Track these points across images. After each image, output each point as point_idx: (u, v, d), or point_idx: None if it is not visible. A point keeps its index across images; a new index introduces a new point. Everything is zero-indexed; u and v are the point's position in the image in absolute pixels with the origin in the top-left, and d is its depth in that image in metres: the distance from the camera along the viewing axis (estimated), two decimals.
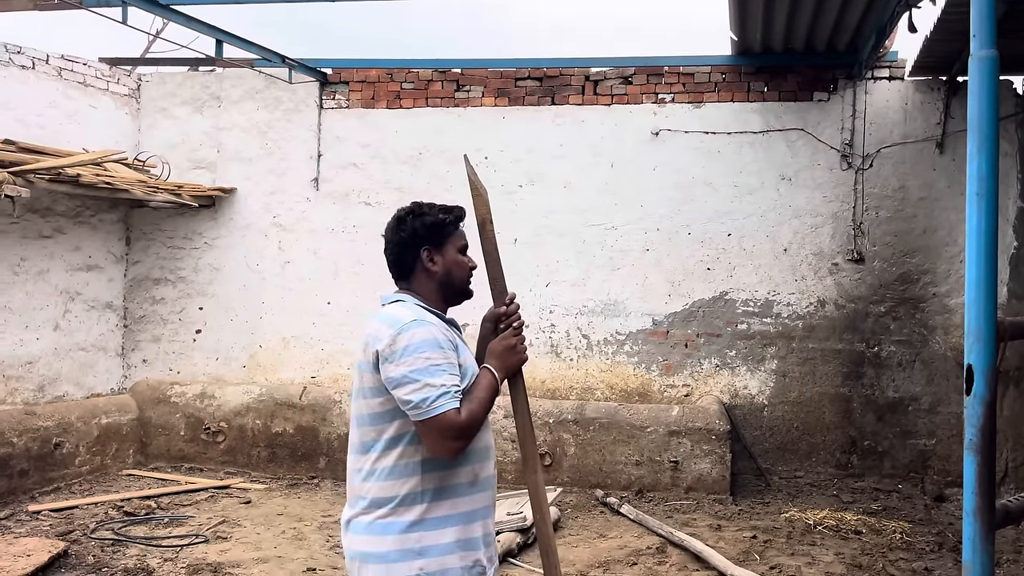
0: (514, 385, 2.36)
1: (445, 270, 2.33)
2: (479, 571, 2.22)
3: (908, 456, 6.83)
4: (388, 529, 2.14)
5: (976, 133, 2.88)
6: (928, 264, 6.83)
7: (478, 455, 2.25)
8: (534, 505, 2.35)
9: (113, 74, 7.79)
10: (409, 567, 2.12)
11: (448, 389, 2.10)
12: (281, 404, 7.05)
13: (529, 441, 2.36)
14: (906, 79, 6.89)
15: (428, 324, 2.18)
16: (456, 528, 2.18)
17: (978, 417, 2.83)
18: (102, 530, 5.42)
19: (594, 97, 7.32)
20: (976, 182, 2.87)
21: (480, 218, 2.39)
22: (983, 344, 2.81)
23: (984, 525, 2.82)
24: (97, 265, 7.65)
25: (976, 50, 2.91)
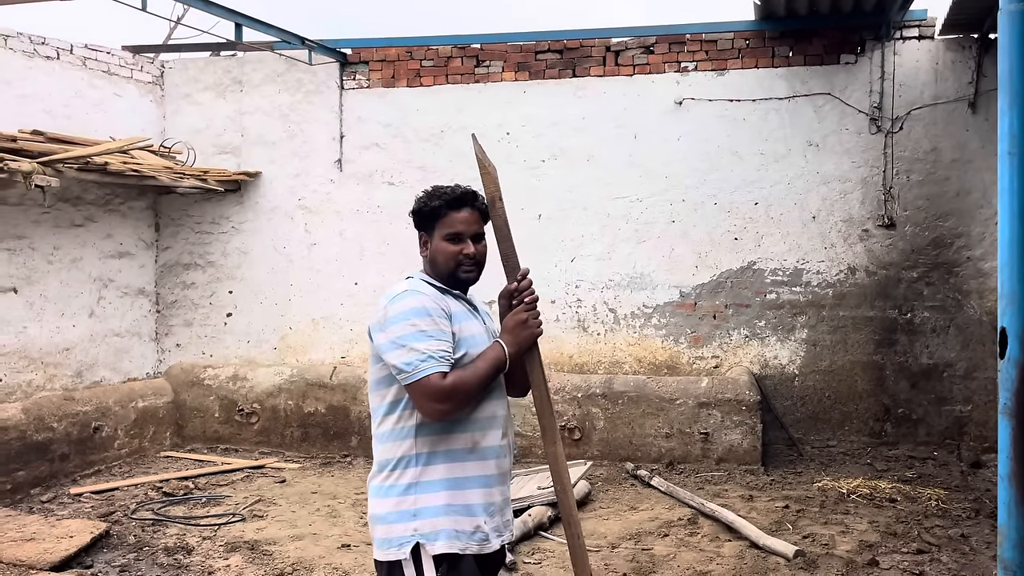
0: (530, 359, 2.37)
1: (432, 256, 2.40)
2: (480, 537, 2.27)
3: (943, 423, 6.74)
4: (389, 492, 2.27)
5: (1007, 89, 2.80)
6: (962, 227, 6.69)
7: (480, 423, 2.30)
8: (554, 476, 2.36)
9: (136, 62, 7.85)
10: (405, 528, 2.23)
11: (433, 354, 2.18)
12: (312, 384, 7.14)
13: (547, 413, 2.38)
14: (936, 38, 6.71)
15: (419, 294, 2.28)
16: (449, 492, 2.25)
17: (1012, 380, 2.77)
18: (142, 511, 5.54)
19: (615, 68, 7.23)
20: (1008, 140, 2.79)
21: (489, 196, 2.40)
22: (1017, 306, 2.74)
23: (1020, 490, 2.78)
24: (128, 252, 7.76)
25: (1006, 4, 2.82)
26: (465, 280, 2.41)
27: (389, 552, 2.25)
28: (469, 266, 2.39)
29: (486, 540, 2.29)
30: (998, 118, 2.82)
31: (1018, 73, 2.81)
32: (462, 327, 2.31)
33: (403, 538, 2.23)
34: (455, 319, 2.30)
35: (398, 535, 2.24)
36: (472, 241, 2.38)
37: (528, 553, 4.74)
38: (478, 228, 2.42)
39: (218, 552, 4.83)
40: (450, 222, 2.37)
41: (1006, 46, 2.84)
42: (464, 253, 2.36)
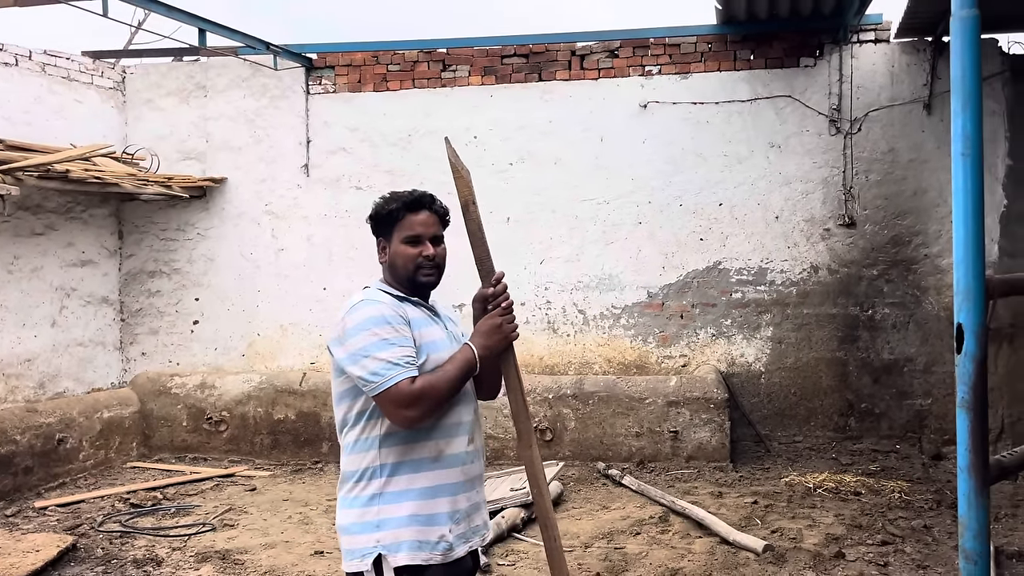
0: (505, 363, 2.37)
1: (391, 261, 2.36)
2: (444, 547, 2.23)
3: (905, 416, 6.91)
4: (354, 503, 2.24)
5: (960, 92, 2.89)
6: (919, 226, 6.86)
7: (444, 431, 2.27)
8: (530, 479, 2.37)
9: (97, 68, 7.74)
10: (368, 539, 2.20)
11: (398, 361, 2.16)
12: (282, 391, 7.09)
13: (523, 417, 2.37)
14: (892, 41, 6.88)
15: (375, 303, 2.24)
16: (414, 503, 2.21)
17: (969, 375, 2.86)
18: (109, 523, 5.46)
19: (581, 72, 7.30)
20: (961, 141, 2.89)
21: (463, 200, 2.38)
22: (972, 302, 2.83)
23: (978, 481, 2.86)
24: (91, 260, 7.65)
25: (957, 9, 2.91)
26: (425, 283, 2.36)
27: (352, 563, 2.23)
28: (429, 269, 2.35)
29: (450, 549, 2.25)
30: (952, 120, 2.92)
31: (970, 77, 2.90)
32: (422, 333, 2.28)
33: (365, 549, 2.20)
34: (414, 325, 2.27)
35: (361, 546, 2.21)
36: (431, 243, 2.34)
37: (502, 555, 4.76)
38: (437, 231, 2.38)
39: (188, 563, 4.78)
40: (408, 225, 2.33)
41: (958, 51, 2.93)
42: (423, 255, 2.32)
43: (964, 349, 2.87)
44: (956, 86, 2.90)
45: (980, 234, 2.86)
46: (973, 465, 2.86)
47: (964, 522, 2.87)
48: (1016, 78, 6.61)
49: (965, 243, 2.84)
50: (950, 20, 2.92)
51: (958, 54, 2.90)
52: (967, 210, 2.86)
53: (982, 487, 2.86)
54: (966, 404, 2.88)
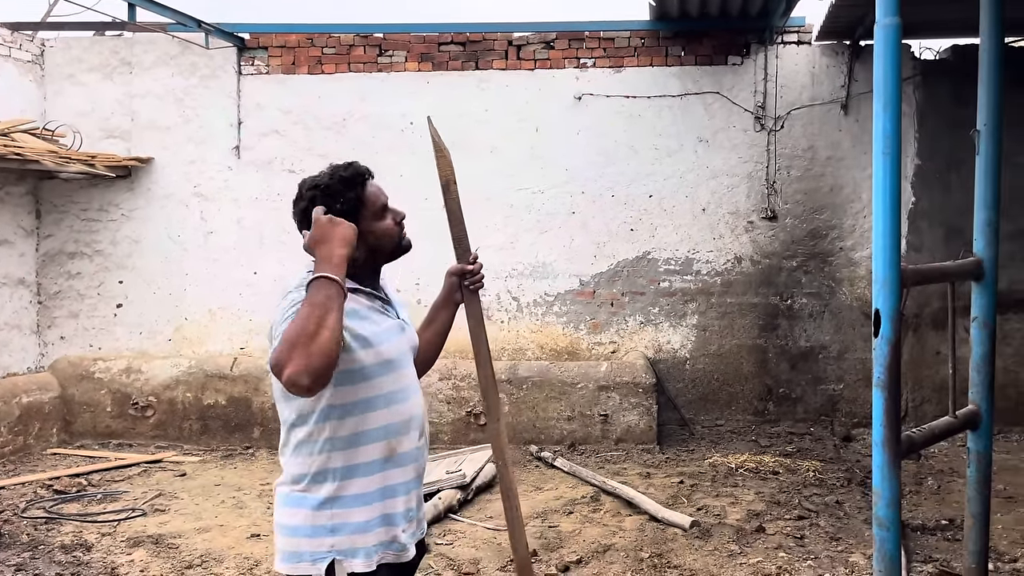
0: (476, 338, 2.45)
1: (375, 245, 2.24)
2: (398, 548, 2.17)
3: (819, 401, 7.29)
4: (302, 503, 2.11)
5: (881, 95, 3.11)
6: (835, 220, 7.24)
7: (396, 429, 2.17)
8: (496, 450, 2.46)
9: (15, 39, 7.40)
10: (320, 543, 2.09)
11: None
12: (212, 376, 6.98)
13: (492, 393, 2.45)
14: (813, 44, 7.22)
15: (296, 298, 2.06)
16: (371, 507, 2.13)
17: (885, 357, 3.09)
18: (33, 509, 5.31)
19: (517, 62, 7.40)
20: (882, 141, 3.11)
21: (444, 179, 2.43)
22: (889, 290, 3.06)
23: (892, 454, 3.11)
24: (6, 240, 7.33)
25: (881, 17, 3.13)
26: (408, 245, 2.28)
27: (300, 566, 2.10)
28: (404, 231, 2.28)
29: (403, 550, 2.19)
30: (873, 120, 3.13)
31: (891, 80, 3.12)
32: (364, 324, 2.14)
33: (317, 554, 2.09)
34: (356, 316, 2.11)
35: (310, 550, 2.09)
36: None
37: (440, 535, 4.86)
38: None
39: (120, 548, 4.70)
40: (373, 199, 2.20)
41: (881, 55, 3.15)
42: (399, 221, 2.25)
43: (881, 333, 3.10)
44: (878, 88, 3.12)
45: (897, 228, 3.09)
46: (887, 439, 3.10)
47: (878, 491, 3.11)
48: (926, 82, 7.03)
49: (883, 235, 3.07)
50: (874, 28, 3.14)
51: (881, 58, 3.12)
52: (886, 205, 3.08)
53: (894, 460, 3.10)
54: (881, 383, 3.11)
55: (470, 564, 4.42)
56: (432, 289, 6.45)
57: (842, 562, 4.36)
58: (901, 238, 7.07)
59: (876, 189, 3.13)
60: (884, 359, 3.09)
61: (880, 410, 3.11)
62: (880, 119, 3.11)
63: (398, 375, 2.21)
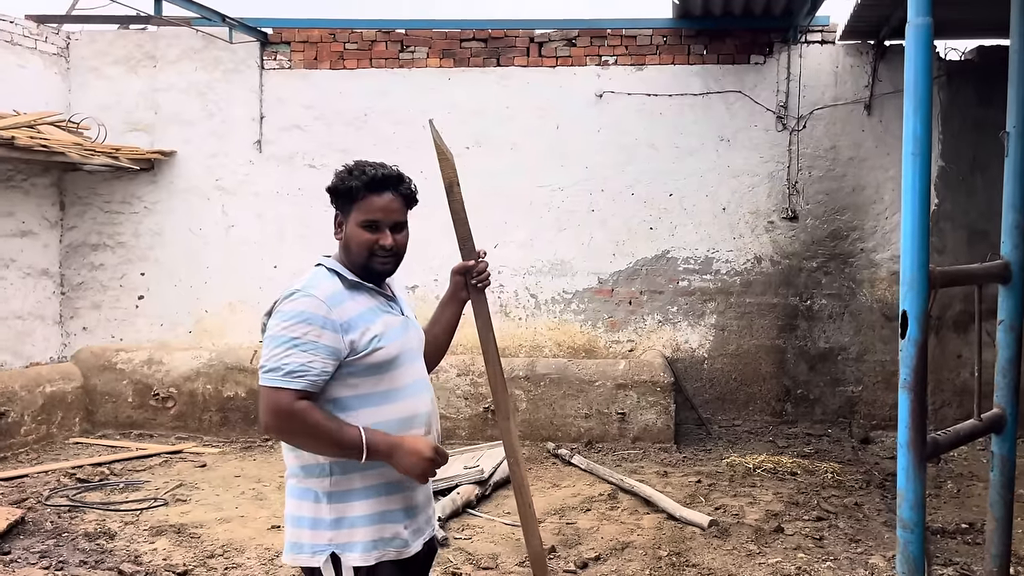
0: (484, 336, 2.48)
1: (346, 242, 2.23)
2: (399, 544, 2.18)
3: (837, 402, 7.26)
4: (304, 495, 2.16)
5: (912, 96, 3.09)
6: (856, 221, 7.20)
7: (398, 424, 2.18)
8: (507, 448, 2.49)
9: (41, 32, 7.49)
10: (320, 536, 2.13)
11: (291, 368, 2.04)
12: (232, 368, 7.04)
13: (500, 390, 2.48)
14: (837, 43, 7.18)
15: (311, 296, 2.10)
16: (368, 502, 2.14)
17: (912, 358, 3.08)
18: (56, 497, 5.37)
19: (539, 59, 7.40)
20: (912, 142, 3.10)
21: (447, 181, 2.46)
22: (916, 291, 3.05)
23: (917, 456, 3.10)
24: (31, 231, 7.43)
25: (913, 17, 3.10)
26: (379, 272, 2.23)
27: (300, 558, 2.16)
28: (384, 257, 2.21)
29: (405, 546, 2.20)
30: (903, 122, 3.11)
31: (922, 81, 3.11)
32: (369, 327, 2.15)
33: (316, 546, 2.13)
34: (353, 325, 2.13)
35: (310, 542, 2.14)
36: (391, 231, 2.20)
37: (458, 529, 4.88)
38: (399, 216, 2.22)
39: (143, 536, 4.76)
40: (368, 207, 2.18)
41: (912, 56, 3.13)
42: (380, 244, 2.18)
43: (908, 334, 3.09)
44: (909, 89, 3.10)
45: (926, 229, 3.09)
46: (912, 441, 3.09)
47: (902, 493, 3.10)
48: (951, 82, 6.98)
49: (912, 236, 3.06)
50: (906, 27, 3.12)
51: (912, 59, 3.10)
52: (915, 206, 3.07)
53: (920, 462, 3.09)
54: (908, 385, 3.10)
55: (488, 559, 4.44)
56: None
57: (862, 564, 4.35)
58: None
59: (905, 191, 3.11)
60: (911, 361, 3.08)
61: (906, 412, 3.10)
62: (911, 121, 3.09)
63: (402, 372, 2.23)
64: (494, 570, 4.33)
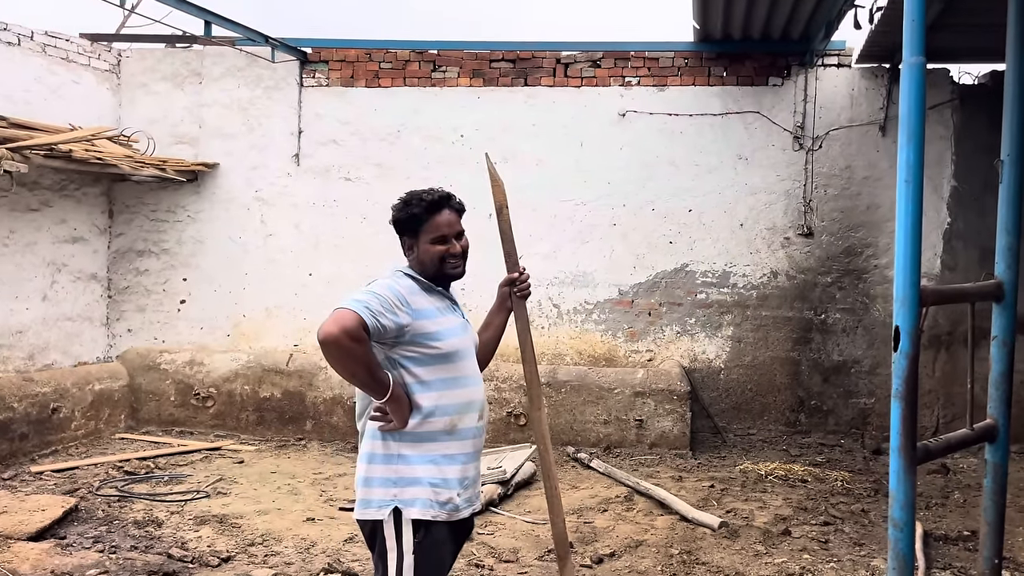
0: (523, 338, 2.82)
1: (420, 258, 2.68)
2: (451, 507, 2.58)
3: (850, 414, 7.47)
4: (374, 459, 2.58)
5: (906, 127, 3.37)
6: (871, 238, 7.42)
7: (458, 408, 2.60)
8: (538, 437, 2.82)
9: (94, 50, 7.94)
10: (386, 492, 2.55)
11: (369, 306, 2.40)
12: (268, 370, 7.40)
13: (535, 384, 2.84)
14: (853, 67, 7.42)
15: (396, 281, 2.56)
16: (428, 467, 2.54)
17: (903, 370, 3.34)
18: (106, 488, 5.75)
19: (565, 79, 7.72)
20: (905, 170, 3.37)
21: (497, 204, 2.83)
22: (908, 308, 3.31)
23: (907, 460, 3.36)
24: (82, 237, 7.86)
25: (907, 56, 3.39)
26: (453, 275, 2.68)
27: (368, 512, 2.56)
28: (455, 261, 2.67)
29: (456, 510, 2.59)
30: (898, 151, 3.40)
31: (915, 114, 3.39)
32: (439, 321, 2.59)
33: (383, 501, 2.54)
34: (426, 314, 2.56)
35: (378, 498, 2.54)
36: (456, 239, 2.66)
37: (482, 526, 5.17)
38: (458, 227, 2.68)
39: (188, 525, 5.11)
40: (434, 227, 2.63)
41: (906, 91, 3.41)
42: (450, 252, 2.64)
43: (900, 348, 3.36)
44: (903, 121, 3.37)
45: (917, 250, 3.35)
46: (903, 446, 3.35)
47: (893, 495, 3.36)
48: (964, 105, 7.19)
49: (904, 257, 3.33)
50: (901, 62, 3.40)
51: (906, 94, 3.38)
52: (908, 228, 3.34)
53: (910, 465, 3.35)
54: (899, 395, 3.37)
55: (510, 553, 4.73)
56: (477, 294, 6.81)
57: (864, 566, 4.58)
58: (935, 258, 7.27)
59: (899, 214, 3.39)
60: (903, 372, 3.35)
61: (898, 419, 3.37)
62: (904, 150, 3.38)
63: (463, 364, 2.67)
64: (515, 563, 4.62)
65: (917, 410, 3.49)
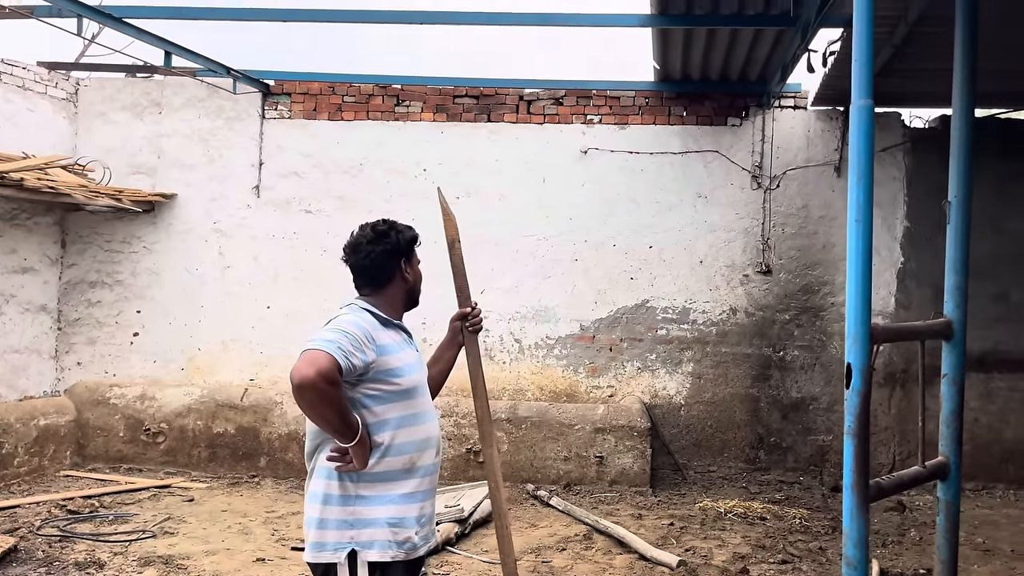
0: (474, 373, 2.78)
1: (415, 280, 2.74)
2: (410, 546, 2.52)
3: (809, 451, 7.51)
4: (329, 500, 2.49)
5: (855, 167, 3.44)
6: (827, 276, 7.53)
7: (416, 445, 2.55)
8: (489, 473, 2.76)
9: (51, 78, 7.83)
10: (342, 535, 2.47)
11: (341, 347, 2.36)
12: (222, 405, 7.24)
13: (486, 421, 2.79)
14: (809, 109, 7.59)
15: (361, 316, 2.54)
16: (388, 507, 2.48)
17: (855, 407, 3.37)
18: (48, 527, 5.54)
19: (528, 116, 7.78)
20: (855, 209, 3.43)
21: (450, 238, 2.80)
22: (859, 345, 3.35)
23: (860, 497, 3.36)
24: (32, 268, 7.66)
25: (855, 99, 3.47)
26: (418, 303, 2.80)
27: (322, 555, 2.48)
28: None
29: (414, 548, 2.54)
30: (848, 191, 3.45)
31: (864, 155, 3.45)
32: (399, 356, 2.55)
33: (339, 544, 2.46)
34: (389, 349, 2.52)
35: (334, 540, 2.47)
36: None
37: (438, 566, 5.06)
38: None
39: (131, 567, 4.92)
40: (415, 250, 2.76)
41: (855, 133, 3.49)
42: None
43: (852, 385, 3.39)
44: (853, 162, 3.44)
45: (868, 287, 3.40)
46: (856, 484, 3.36)
47: (847, 532, 3.36)
48: (915, 148, 7.38)
49: (855, 295, 3.38)
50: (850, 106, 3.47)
51: (855, 136, 3.46)
52: (858, 266, 3.39)
53: (863, 503, 3.36)
54: (852, 431, 3.39)
55: None
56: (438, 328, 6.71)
57: None
58: (889, 297, 7.39)
59: (850, 253, 3.44)
60: (855, 409, 3.37)
61: (851, 456, 3.38)
62: (854, 190, 3.44)
63: (421, 400, 2.63)
64: None
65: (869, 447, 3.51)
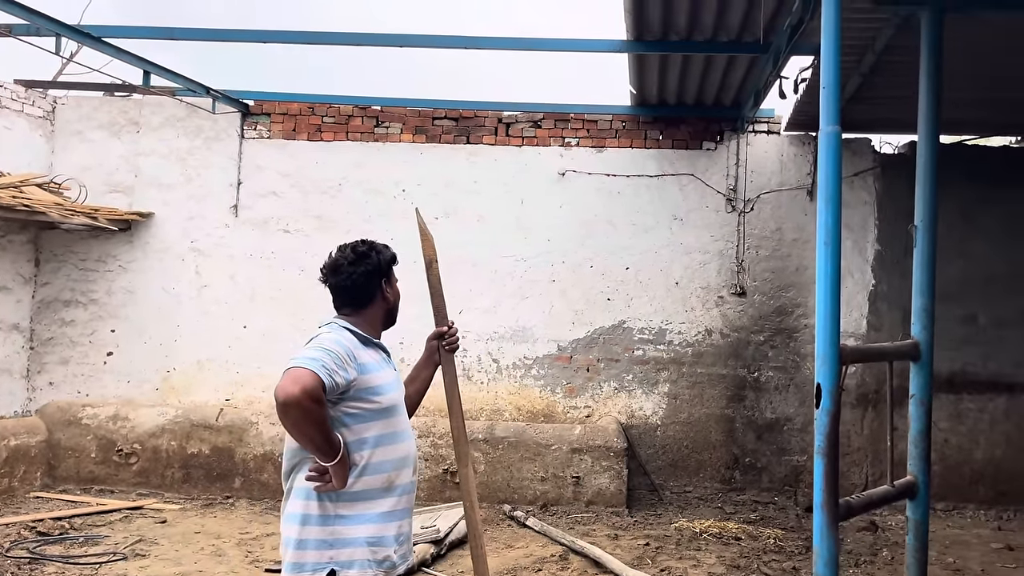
0: (450, 392, 2.80)
1: (394, 299, 2.77)
2: (388, 565, 2.54)
3: (783, 471, 7.57)
4: (307, 520, 2.49)
5: (824, 191, 3.53)
6: (800, 298, 7.64)
7: (395, 463, 2.57)
8: (464, 494, 2.77)
9: (28, 96, 7.80)
10: (321, 555, 2.47)
11: (325, 365, 2.37)
12: (197, 425, 7.18)
13: (462, 440, 2.80)
14: (782, 134, 7.74)
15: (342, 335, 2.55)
16: (367, 526, 2.49)
17: (825, 427, 3.42)
18: (17, 549, 5.45)
19: (506, 138, 7.86)
20: (824, 232, 3.52)
21: (427, 259, 2.83)
22: (828, 366, 3.41)
23: (830, 516, 3.41)
24: (5, 286, 7.58)
25: (824, 125, 3.57)
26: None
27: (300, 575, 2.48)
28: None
29: (393, 567, 2.56)
30: (817, 215, 3.54)
31: (832, 180, 3.55)
32: (377, 375, 2.57)
33: (318, 564, 2.46)
34: (369, 368, 2.54)
35: (313, 560, 2.46)
36: None
37: None
38: None
39: None
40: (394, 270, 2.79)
41: (823, 157, 3.59)
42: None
43: (822, 406, 3.44)
44: (822, 186, 3.53)
45: (837, 308, 3.47)
46: (826, 503, 3.40)
47: (817, 551, 3.40)
48: (885, 173, 7.54)
49: (825, 317, 3.44)
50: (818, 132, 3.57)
51: (823, 160, 3.55)
52: (827, 289, 3.47)
53: (833, 522, 3.40)
54: (821, 451, 3.43)
55: None
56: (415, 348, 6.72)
57: None
58: (860, 319, 7.51)
59: (819, 275, 3.51)
60: (824, 429, 3.42)
61: (820, 476, 3.42)
62: (823, 214, 3.53)
63: (398, 419, 2.65)
64: None
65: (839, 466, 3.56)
